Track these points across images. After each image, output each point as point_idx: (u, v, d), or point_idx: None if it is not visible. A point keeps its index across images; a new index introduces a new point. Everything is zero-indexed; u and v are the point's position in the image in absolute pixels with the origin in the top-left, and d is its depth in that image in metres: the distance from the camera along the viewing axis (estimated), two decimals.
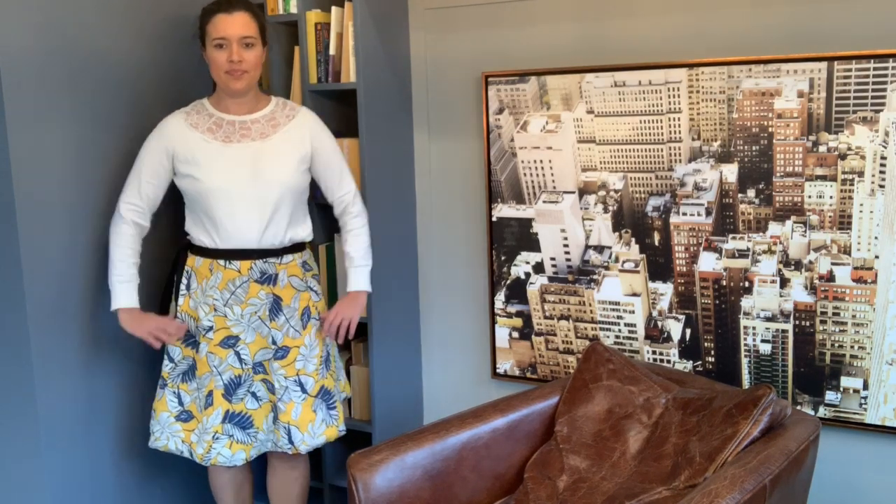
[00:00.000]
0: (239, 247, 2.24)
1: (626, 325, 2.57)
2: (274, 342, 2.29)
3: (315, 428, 2.32)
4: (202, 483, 2.74)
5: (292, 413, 2.29)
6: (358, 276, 2.37)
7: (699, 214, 2.41)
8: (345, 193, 2.37)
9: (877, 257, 2.22)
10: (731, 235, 2.38)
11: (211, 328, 2.27)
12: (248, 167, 2.21)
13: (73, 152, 2.22)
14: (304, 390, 2.30)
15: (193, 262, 2.31)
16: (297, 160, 2.26)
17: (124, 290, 2.23)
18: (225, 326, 2.26)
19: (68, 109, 2.19)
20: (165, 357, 2.34)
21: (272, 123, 2.27)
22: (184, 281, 2.33)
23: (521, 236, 2.68)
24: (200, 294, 2.28)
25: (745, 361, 2.42)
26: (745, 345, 2.41)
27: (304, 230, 2.35)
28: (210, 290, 2.27)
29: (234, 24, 2.17)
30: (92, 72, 2.26)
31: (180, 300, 2.33)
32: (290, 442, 2.29)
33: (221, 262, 2.26)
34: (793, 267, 2.31)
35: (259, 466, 2.92)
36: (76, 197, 2.23)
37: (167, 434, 2.33)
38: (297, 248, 2.35)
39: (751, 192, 2.33)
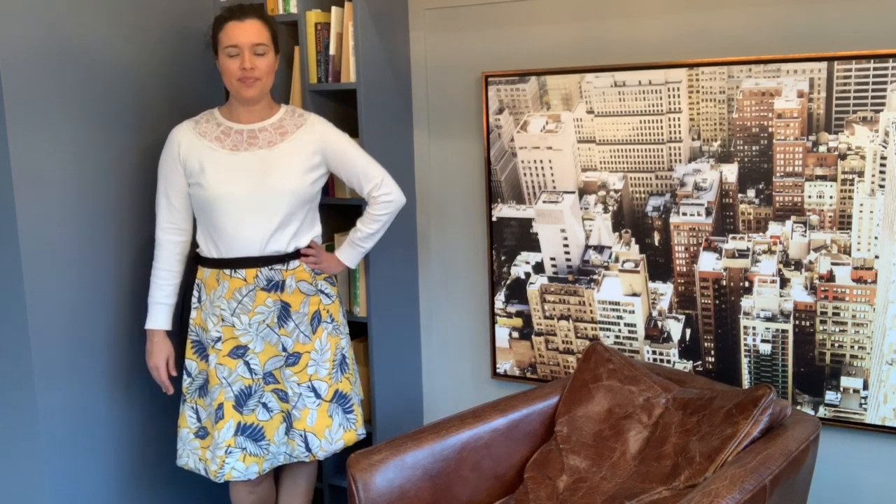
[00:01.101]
0: (243, 255, 2.22)
1: (626, 325, 2.57)
2: (284, 349, 2.26)
3: (332, 433, 2.29)
4: (210, 494, 2.73)
5: (308, 420, 2.26)
6: (346, 248, 2.38)
7: (699, 214, 2.41)
8: (372, 188, 2.31)
9: (877, 257, 2.22)
10: (731, 235, 2.38)
11: (219, 339, 2.24)
12: (255, 176, 2.19)
13: (75, 157, 2.21)
14: (318, 396, 2.28)
15: (202, 273, 2.29)
16: (304, 168, 2.23)
17: (151, 312, 2.30)
18: (233, 336, 2.24)
19: (71, 115, 2.19)
20: (184, 372, 2.32)
21: (280, 131, 2.25)
22: (194, 294, 2.31)
23: (521, 236, 2.68)
24: (209, 305, 2.26)
25: (745, 361, 2.42)
26: (745, 345, 2.41)
27: (309, 237, 2.31)
28: (217, 301, 2.24)
29: (246, 32, 2.15)
30: (96, 78, 2.25)
31: (192, 313, 2.31)
32: (308, 449, 2.27)
33: (227, 271, 2.23)
34: (793, 267, 2.31)
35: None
36: (78, 201, 2.23)
37: (188, 451, 2.30)
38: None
39: (751, 192, 2.33)
